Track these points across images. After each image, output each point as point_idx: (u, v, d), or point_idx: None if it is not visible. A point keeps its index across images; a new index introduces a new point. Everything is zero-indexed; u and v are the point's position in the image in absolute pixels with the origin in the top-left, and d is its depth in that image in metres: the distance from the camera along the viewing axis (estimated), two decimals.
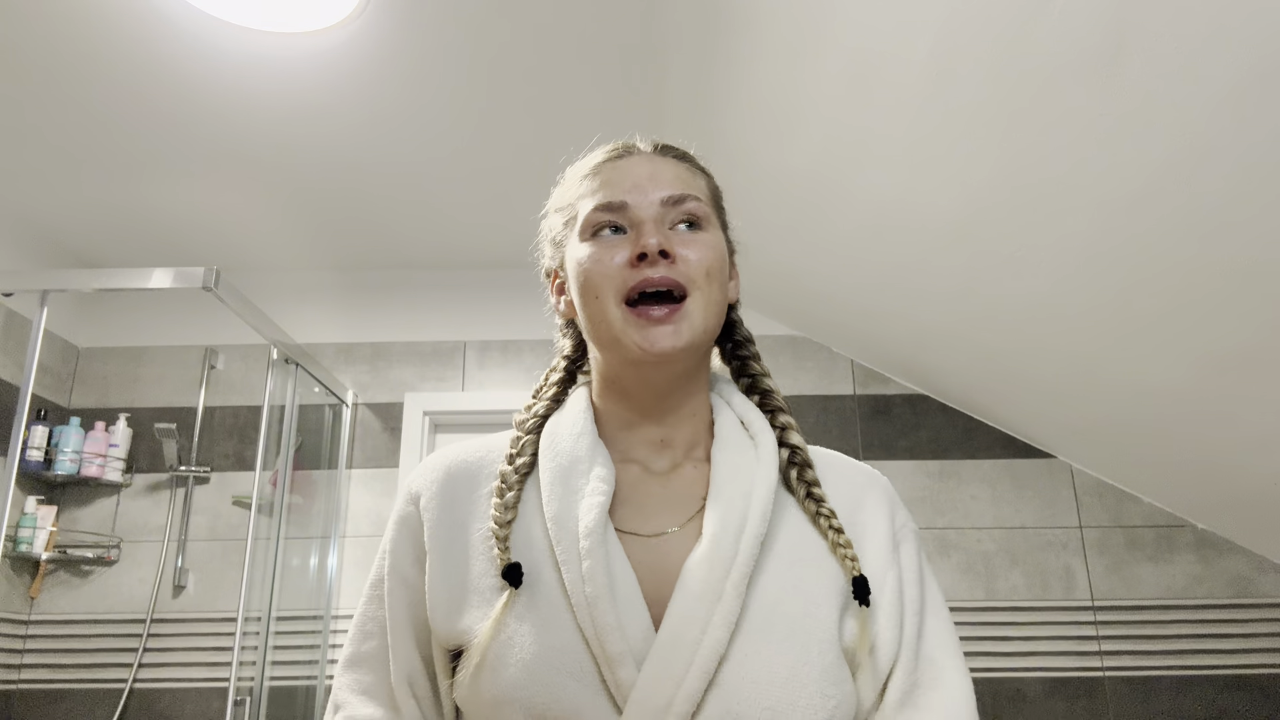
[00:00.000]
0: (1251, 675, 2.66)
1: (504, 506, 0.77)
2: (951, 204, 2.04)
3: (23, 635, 2.81)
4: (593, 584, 0.70)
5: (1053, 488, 2.89)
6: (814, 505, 0.79)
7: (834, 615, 0.73)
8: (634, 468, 0.82)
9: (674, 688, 0.67)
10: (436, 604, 0.76)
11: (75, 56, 2.08)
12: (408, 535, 0.81)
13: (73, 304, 3.11)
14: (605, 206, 0.79)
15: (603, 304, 0.77)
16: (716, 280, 0.79)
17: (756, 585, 0.73)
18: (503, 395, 3.05)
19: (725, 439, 0.81)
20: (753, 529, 0.74)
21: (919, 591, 0.79)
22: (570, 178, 0.87)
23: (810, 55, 1.85)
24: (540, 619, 0.71)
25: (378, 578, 0.83)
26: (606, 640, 0.69)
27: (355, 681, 0.81)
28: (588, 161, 0.86)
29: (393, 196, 2.77)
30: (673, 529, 0.77)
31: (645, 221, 0.78)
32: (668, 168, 0.82)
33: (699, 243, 0.79)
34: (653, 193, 0.79)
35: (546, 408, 0.86)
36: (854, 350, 3.05)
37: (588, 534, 0.73)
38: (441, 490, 0.82)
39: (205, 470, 2.96)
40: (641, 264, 0.76)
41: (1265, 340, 1.83)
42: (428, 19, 1.97)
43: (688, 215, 0.80)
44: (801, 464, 0.81)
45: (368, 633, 0.82)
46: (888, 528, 0.81)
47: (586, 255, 0.79)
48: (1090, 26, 1.40)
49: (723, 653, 0.69)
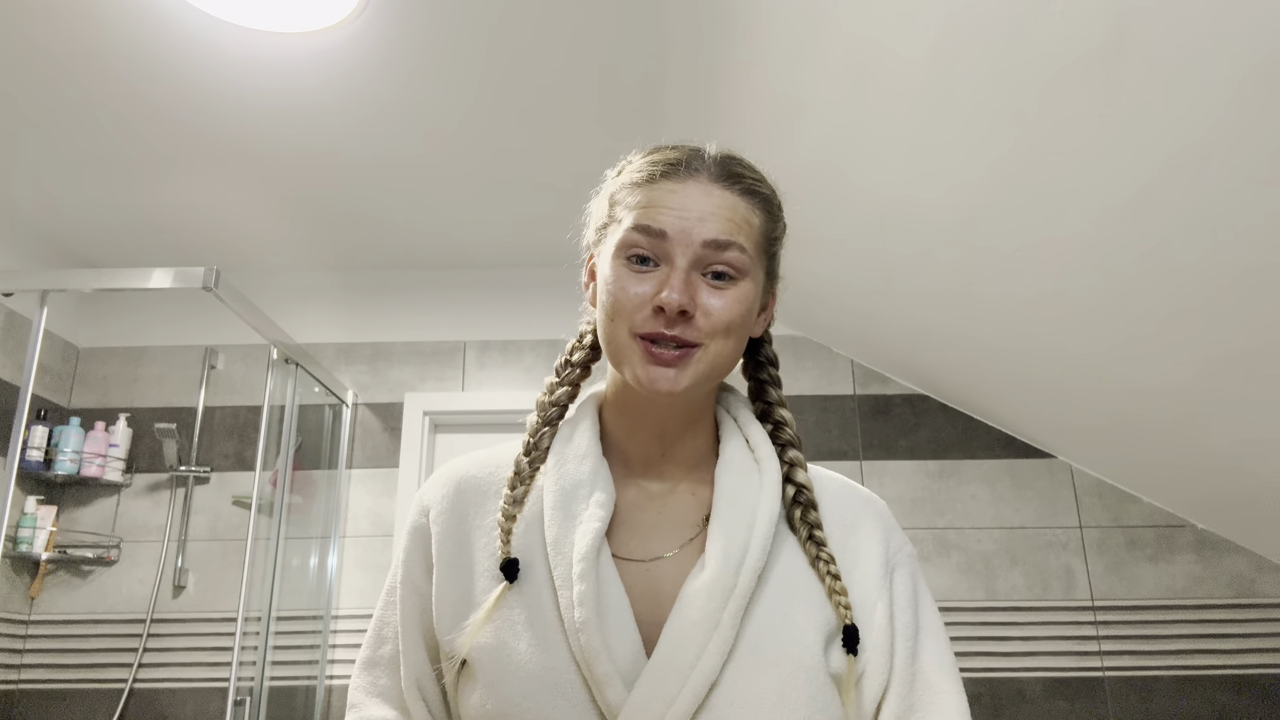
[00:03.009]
0: (1251, 675, 2.66)
1: (512, 499, 0.80)
2: (951, 204, 2.04)
3: (23, 635, 2.81)
4: (583, 608, 0.73)
5: (1053, 488, 2.89)
6: (814, 549, 0.80)
7: (820, 642, 0.75)
8: (633, 489, 0.83)
9: (664, 708, 0.70)
10: (442, 615, 0.79)
11: (75, 56, 2.08)
12: (419, 545, 0.84)
13: (73, 304, 3.11)
14: (644, 229, 0.76)
15: (617, 328, 0.77)
16: (735, 334, 0.77)
17: (751, 615, 0.75)
18: (503, 395, 3.04)
19: (729, 462, 0.82)
20: (753, 561, 0.75)
21: (913, 616, 0.80)
22: (629, 170, 0.82)
23: (810, 55, 1.85)
24: (535, 637, 0.74)
25: (392, 584, 0.85)
26: (594, 663, 0.71)
27: (371, 684, 0.84)
28: (647, 163, 0.81)
29: (393, 196, 2.77)
30: (668, 554, 0.79)
31: (676, 268, 0.74)
32: (724, 205, 0.77)
33: (726, 297, 0.76)
34: (698, 232, 0.75)
35: (567, 395, 0.87)
36: (854, 350, 3.05)
37: (581, 559, 0.75)
38: (451, 505, 0.84)
39: (205, 470, 2.96)
40: (660, 314, 0.74)
41: (1265, 340, 1.83)
42: (427, 19, 1.97)
43: (724, 265, 0.76)
44: (806, 504, 0.82)
45: (384, 637, 0.85)
46: (881, 553, 0.82)
47: (614, 277, 0.77)
48: (1090, 27, 1.40)
49: (714, 679, 0.71)
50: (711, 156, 0.80)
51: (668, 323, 0.74)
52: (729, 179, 0.79)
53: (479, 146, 2.49)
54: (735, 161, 0.81)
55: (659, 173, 0.78)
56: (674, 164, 0.79)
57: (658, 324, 0.74)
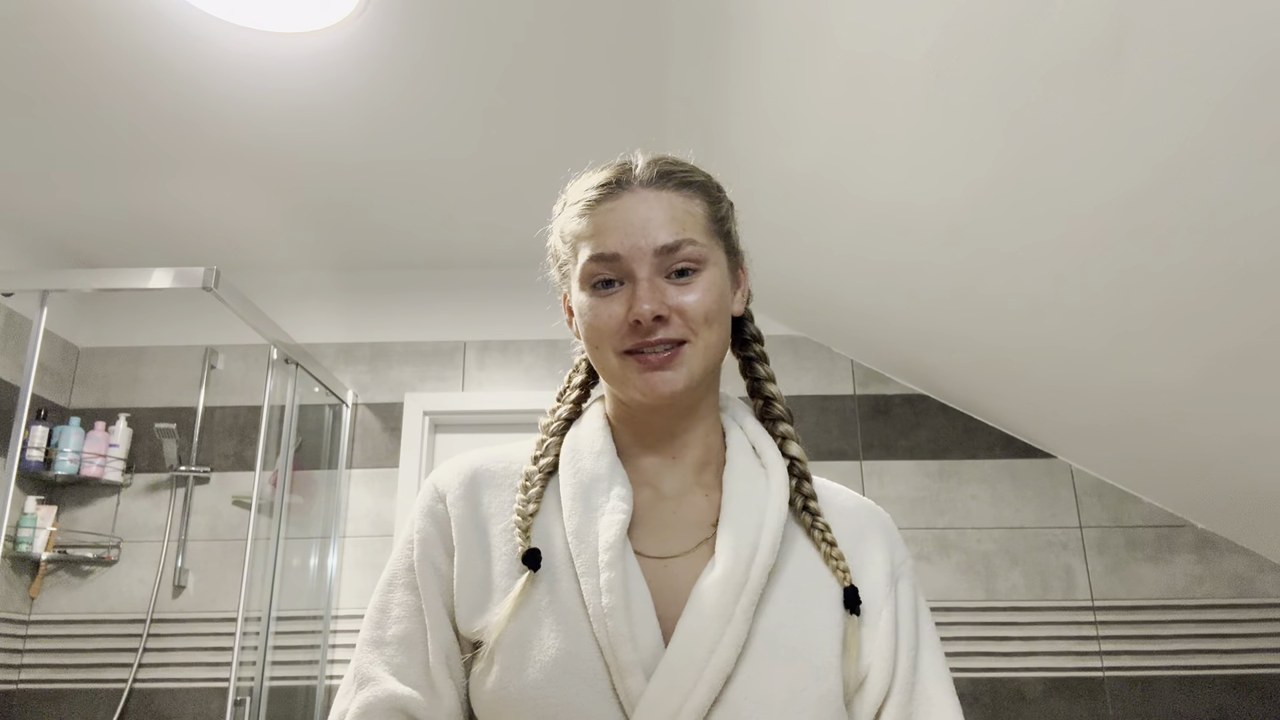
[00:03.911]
0: (1252, 675, 2.66)
1: (527, 501, 0.81)
2: (951, 204, 2.04)
3: (23, 635, 2.81)
4: (610, 595, 0.74)
5: (1053, 488, 2.89)
6: (819, 535, 0.83)
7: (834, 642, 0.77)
8: (646, 490, 0.85)
9: (681, 700, 0.71)
10: (462, 599, 0.79)
11: (75, 56, 2.08)
12: (438, 528, 0.83)
13: (73, 304, 3.11)
14: (598, 258, 0.79)
15: (603, 354, 0.81)
16: (716, 320, 0.80)
17: (763, 612, 0.76)
18: (503, 395, 3.05)
19: (736, 465, 0.84)
20: (763, 558, 0.77)
21: (914, 628, 0.83)
22: (570, 202, 0.85)
23: (811, 56, 1.85)
24: (558, 624, 0.75)
25: (405, 565, 0.83)
26: (619, 649, 0.72)
27: (385, 661, 0.79)
28: (583, 191, 0.83)
29: (393, 196, 2.77)
30: (682, 553, 0.80)
31: (640, 279, 0.78)
32: (661, 207, 0.80)
33: (695, 290, 0.79)
34: (646, 240, 0.78)
35: (570, 411, 0.90)
36: (854, 350, 3.05)
37: (608, 548, 0.76)
38: (467, 491, 0.84)
39: (205, 470, 2.96)
40: (637, 328, 0.78)
41: (1265, 340, 1.83)
42: (428, 19, 1.97)
43: (683, 262, 0.79)
44: (808, 495, 0.85)
45: (395, 617, 0.81)
46: (886, 563, 0.85)
47: (587, 307, 0.81)
48: (1090, 26, 1.40)
49: (729, 672, 0.72)
50: (640, 165, 0.83)
51: (647, 332, 0.77)
52: (660, 180, 0.82)
53: (479, 146, 2.49)
54: (661, 161, 0.83)
55: (593, 198, 0.81)
56: (605, 185, 0.82)
57: (637, 337, 0.78)
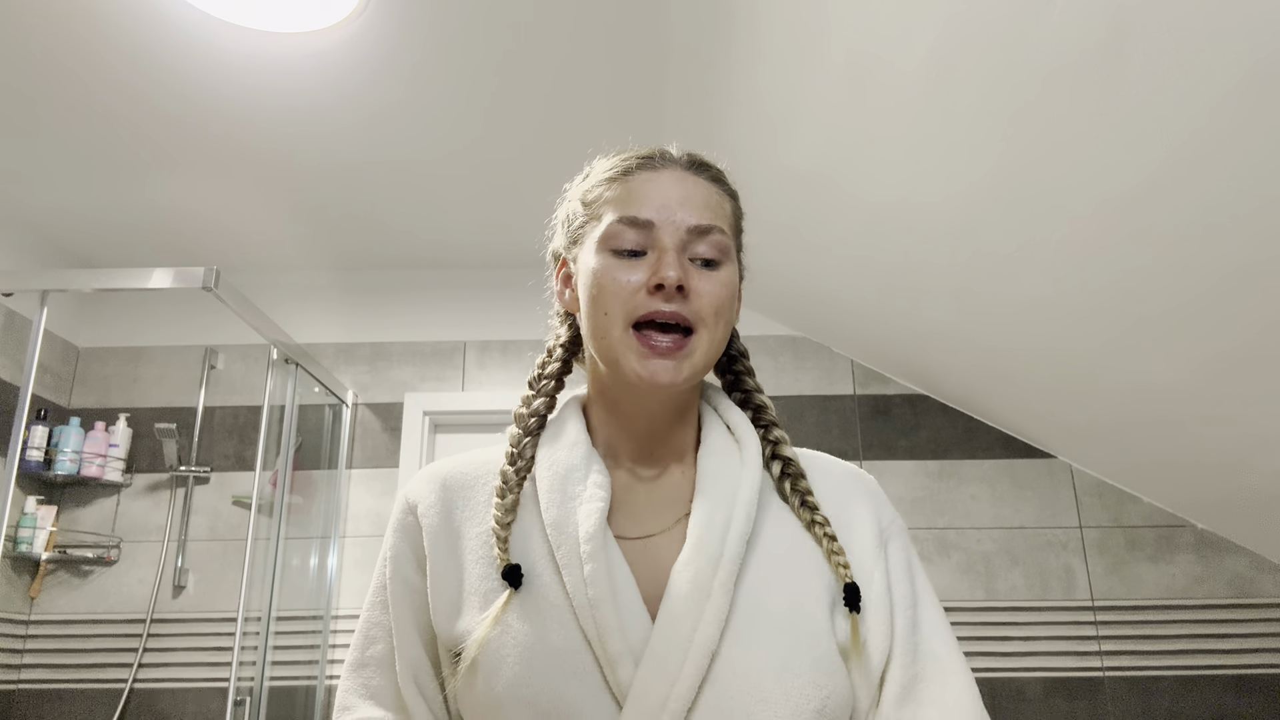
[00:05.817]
0: (1252, 675, 2.66)
1: (504, 508, 0.79)
2: (951, 204, 2.04)
3: (23, 635, 2.81)
4: (595, 587, 0.72)
5: (1053, 488, 2.89)
6: (808, 514, 0.81)
7: (824, 610, 0.75)
8: (623, 473, 0.84)
9: (669, 684, 0.69)
10: (438, 606, 0.78)
11: (75, 56, 2.08)
12: (408, 541, 0.83)
13: (73, 304, 3.11)
14: (631, 221, 0.78)
15: (610, 322, 0.78)
16: (724, 318, 0.79)
17: (744, 582, 0.75)
18: (503, 395, 3.05)
19: (711, 444, 0.83)
20: (738, 528, 0.76)
21: (909, 587, 0.81)
22: (597, 171, 0.85)
23: (810, 56, 1.85)
24: (540, 620, 0.73)
25: (380, 583, 0.84)
26: (608, 641, 0.71)
27: (362, 685, 0.82)
28: (618, 160, 0.84)
29: (393, 196, 2.77)
30: (661, 530, 0.79)
31: (668, 249, 0.77)
32: (699, 191, 0.80)
33: (715, 280, 0.78)
34: (681, 218, 0.78)
35: (546, 404, 0.88)
36: (854, 350, 3.05)
37: (589, 538, 0.75)
38: (439, 499, 0.83)
39: (205, 470, 2.96)
40: (657, 293, 0.76)
41: (1265, 340, 1.83)
42: (427, 19, 1.97)
43: (709, 249, 0.79)
44: (795, 475, 0.84)
45: (372, 638, 0.83)
46: (873, 525, 0.83)
47: (602, 268, 0.78)
48: (1090, 26, 1.40)
49: (714, 649, 0.71)
50: (677, 151, 0.84)
51: (666, 298, 0.76)
52: (698, 168, 0.83)
53: (479, 146, 2.49)
54: (700, 155, 0.85)
55: (634, 165, 0.82)
56: (646, 158, 0.83)
57: (655, 302, 0.76)
